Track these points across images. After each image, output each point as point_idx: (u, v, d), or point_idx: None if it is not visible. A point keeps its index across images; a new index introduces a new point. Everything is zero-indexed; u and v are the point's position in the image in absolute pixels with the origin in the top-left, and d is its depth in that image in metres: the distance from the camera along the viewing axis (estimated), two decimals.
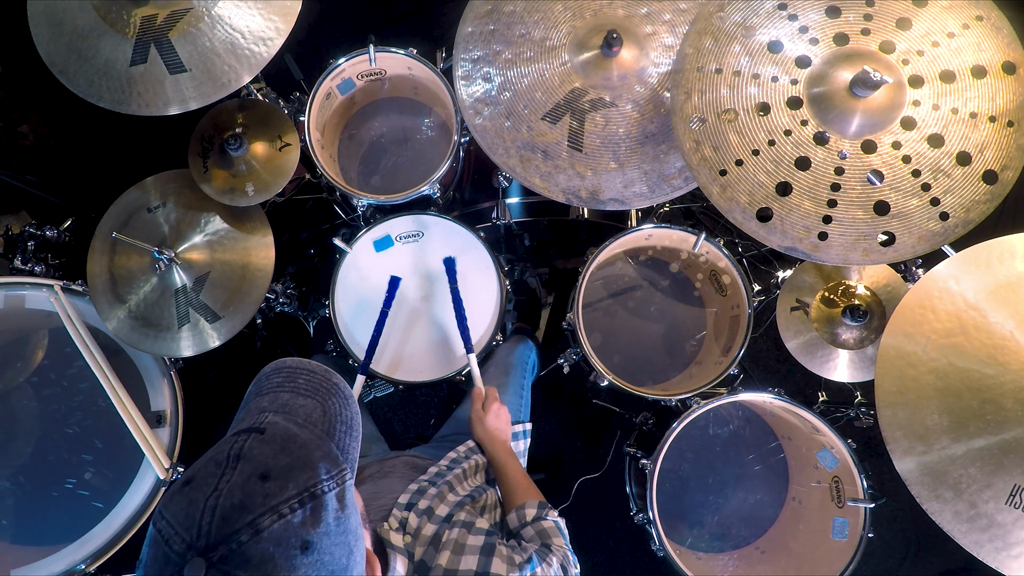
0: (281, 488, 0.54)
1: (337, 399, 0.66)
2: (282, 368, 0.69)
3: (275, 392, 0.65)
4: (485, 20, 1.33)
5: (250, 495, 0.53)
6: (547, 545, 0.91)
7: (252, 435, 0.58)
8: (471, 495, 0.98)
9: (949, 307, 1.17)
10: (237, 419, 0.65)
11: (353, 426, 0.66)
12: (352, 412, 0.67)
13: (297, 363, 0.69)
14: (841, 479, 1.45)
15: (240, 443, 0.57)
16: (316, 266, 2.10)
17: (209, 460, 0.57)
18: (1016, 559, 1.06)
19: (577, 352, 1.54)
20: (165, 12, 1.26)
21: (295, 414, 0.63)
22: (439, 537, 0.82)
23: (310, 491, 0.55)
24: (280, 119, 1.46)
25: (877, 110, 1.07)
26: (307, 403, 0.64)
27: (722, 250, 1.50)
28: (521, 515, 0.98)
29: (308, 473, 0.56)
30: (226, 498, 0.53)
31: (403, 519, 0.85)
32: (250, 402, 0.66)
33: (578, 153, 1.28)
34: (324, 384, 0.67)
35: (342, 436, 0.64)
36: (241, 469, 0.55)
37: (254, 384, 0.69)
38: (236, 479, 0.54)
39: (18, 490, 1.46)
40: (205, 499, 0.53)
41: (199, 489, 0.54)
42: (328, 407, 0.65)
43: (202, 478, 0.55)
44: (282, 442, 0.58)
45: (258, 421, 0.60)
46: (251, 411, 0.64)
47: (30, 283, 1.47)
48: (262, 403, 0.64)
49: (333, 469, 0.59)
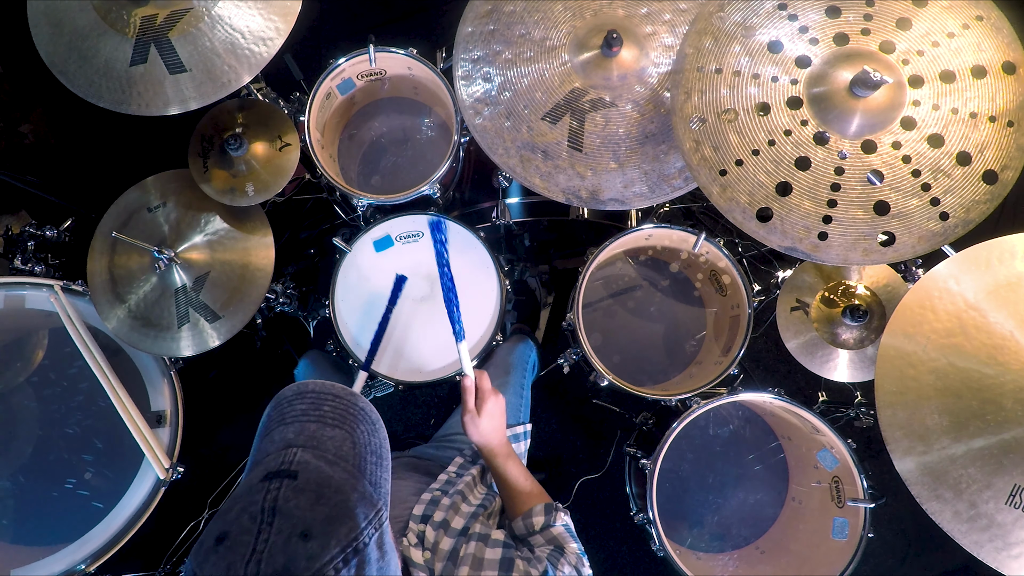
0: (323, 547, 0.52)
1: (365, 426, 0.64)
2: (305, 393, 0.66)
3: (301, 422, 0.63)
4: (485, 20, 1.33)
5: (293, 559, 0.51)
6: (560, 549, 0.91)
7: (284, 481, 0.55)
8: (483, 504, 0.98)
9: (949, 307, 1.17)
10: (260, 450, 0.63)
11: (383, 455, 0.65)
12: (380, 438, 0.65)
13: (321, 387, 0.67)
14: (841, 479, 1.45)
15: (273, 492, 0.55)
16: (316, 266, 2.10)
17: (241, 511, 0.54)
18: (1016, 559, 1.06)
19: (577, 352, 1.54)
20: (165, 12, 1.26)
21: (324, 448, 0.60)
22: (457, 552, 0.82)
23: (353, 545, 0.54)
24: (280, 119, 1.46)
25: (877, 110, 1.07)
26: (336, 434, 0.62)
27: (722, 250, 1.50)
28: (528, 524, 0.96)
29: (348, 524, 0.54)
30: (267, 563, 0.50)
31: (420, 532, 0.85)
32: (272, 431, 0.63)
33: (578, 153, 1.28)
34: (351, 410, 0.65)
35: (373, 469, 0.62)
36: (279, 527, 0.52)
37: (274, 408, 0.66)
38: (275, 539, 0.52)
39: (18, 490, 1.46)
40: (244, 563, 0.50)
41: (235, 550, 0.51)
42: (357, 437, 0.63)
43: (237, 535, 0.52)
44: (317, 487, 0.56)
45: (287, 460, 0.58)
46: (276, 444, 0.61)
47: (30, 283, 1.47)
48: (287, 434, 0.62)
49: (370, 512, 0.57)
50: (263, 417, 0.67)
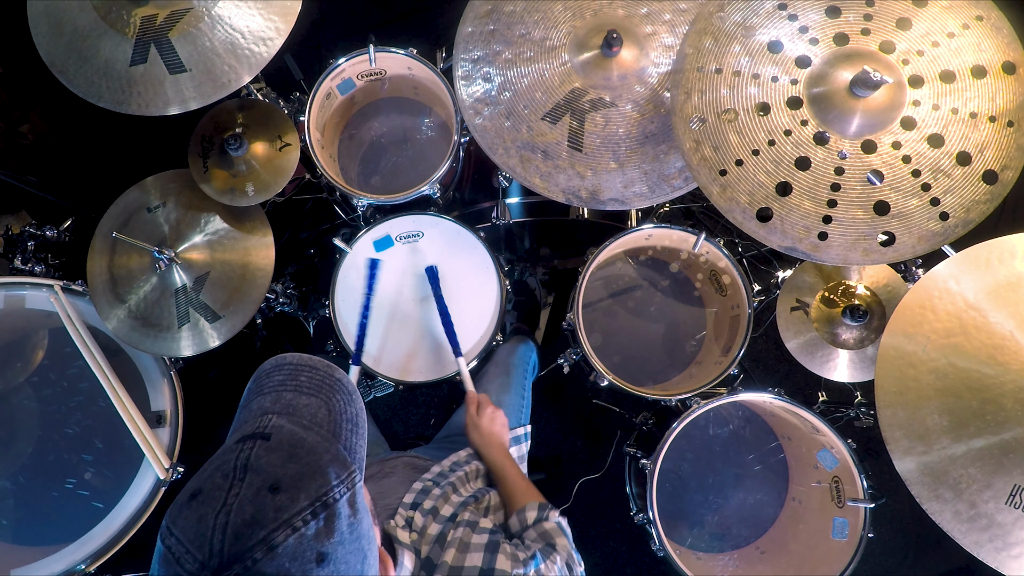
0: (292, 500, 0.53)
1: (341, 395, 0.65)
2: (283, 365, 0.67)
3: (277, 391, 0.64)
4: (485, 20, 1.33)
5: (261, 509, 0.52)
6: (551, 545, 0.91)
7: (258, 442, 0.57)
8: (474, 496, 0.98)
9: (949, 307, 1.17)
10: (238, 419, 0.64)
11: (359, 423, 0.65)
12: (357, 408, 0.66)
13: (298, 359, 0.67)
14: (841, 479, 1.45)
15: (246, 451, 0.56)
16: (316, 266, 2.10)
17: (215, 470, 0.55)
18: (1016, 559, 1.06)
19: (577, 352, 1.53)
20: (165, 12, 1.26)
21: (299, 415, 0.61)
22: (444, 536, 0.82)
23: (322, 500, 0.54)
24: (280, 119, 1.46)
25: (877, 110, 1.07)
26: (311, 402, 0.63)
27: (722, 250, 1.50)
28: (522, 518, 0.97)
29: (319, 481, 0.55)
30: (237, 514, 0.51)
31: (409, 517, 0.85)
32: (251, 402, 0.65)
33: (578, 153, 1.28)
34: (327, 381, 0.66)
35: (348, 435, 0.63)
36: (250, 481, 0.53)
37: (254, 381, 0.67)
38: (245, 492, 0.53)
39: (18, 490, 1.46)
40: (215, 515, 0.51)
41: (207, 503, 0.53)
42: (333, 405, 0.64)
43: (209, 490, 0.53)
44: (289, 448, 0.57)
45: (262, 425, 0.59)
46: (253, 412, 0.62)
47: (30, 283, 1.47)
48: (264, 403, 0.63)
49: (343, 473, 0.57)
50: (244, 391, 0.67)
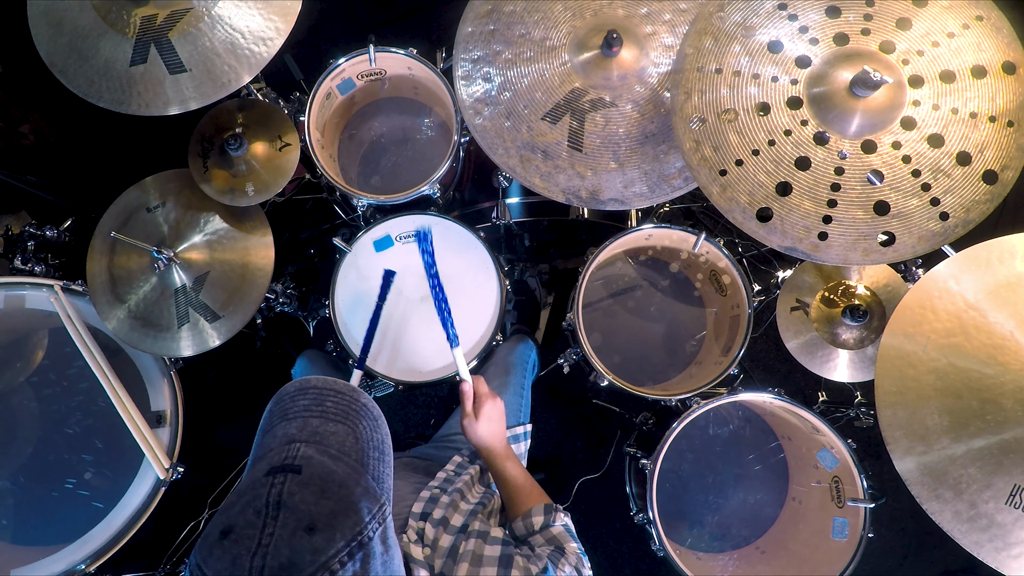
0: (329, 541, 0.52)
1: (367, 422, 0.65)
2: (307, 389, 0.66)
3: (303, 417, 0.63)
4: (485, 20, 1.33)
5: (298, 552, 0.51)
6: (560, 549, 0.91)
7: (289, 475, 0.56)
8: (481, 502, 0.98)
9: (949, 307, 1.17)
10: (262, 446, 0.63)
11: (385, 450, 0.65)
12: (383, 434, 0.66)
13: (323, 383, 0.67)
14: (841, 479, 1.45)
15: (278, 486, 0.55)
16: (316, 266, 2.10)
17: (246, 505, 0.54)
18: (1016, 559, 1.06)
19: (577, 352, 1.53)
20: (165, 12, 1.26)
21: (327, 443, 0.60)
22: (456, 549, 0.82)
23: (357, 539, 0.54)
24: (280, 119, 1.46)
25: (877, 110, 1.07)
26: (338, 429, 0.62)
27: (722, 250, 1.50)
28: (528, 524, 0.96)
29: (352, 518, 0.54)
30: (273, 556, 0.50)
31: (420, 529, 0.85)
32: (275, 426, 0.63)
33: (578, 153, 1.28)
34: (353, 406, 0.65)
35: (376, 464, 0.62)
36: (284, 520, 0.52)
37: (276, 404, 0.66)
38: (280, 533, 0.52)
39: (18, 490, 1.46)
40: (250, 556, 0.50)
41: (240, 543, 0.51)
42: (360, 432, 0.63)
43: (242, 528, 0.52)
44: (321, 483, 0.56)
45: (290, 455, 0.58)
46: (279, 440, 0.61)
47: (30, 283, 1.47)
48: (290, 430, 0.62)
49: (374, 507, 0.57)
50: (265, 413, 0.67)
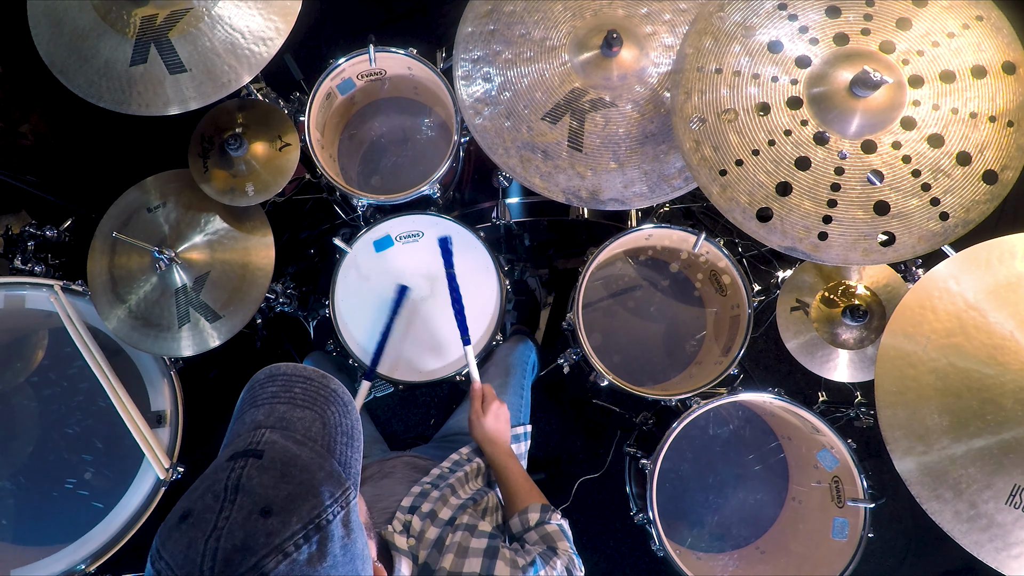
0: (284, 524, 0.52)
1: (336, 407, 0.64)
2: (277, 376, 0.66)
3: (271, 403, 0.63)
4: (485, 20, 1.33)
5: (252, 534, 0.51)
6: (552, 548, 0.91)
7: (250, 460, 0.55)
8: (473, 498, 0.98)
9: (949, 307, 1.17)
10: (232, 431, 0.63)
11: (354, 435, 0.64)
12: (352, 420, 0.65)
13: (293, 369, 0.66)
14: (841, 479, 1.45)
15: (238, 470, 0.55)
16: (316, 266, 2.10)
17: (206, 490, 0.54)
18: (1016, 559, 1.06)
19: (577, 352, 1.53)
20: (165, 12, 1.26)
21: (293, 429, 0.60)
22: (442, 540, 0.82)
23: (315, 522, 0.53)
24: (280, 119, 1.46)
25: (877, 110, 1.07)
26: (305, 415, 0.62)
27: (722, 250, 1.50)
28: (524, 520, 0.97)
29: (312, 502, 0.54)
30: (227, 539, 0.50)
31: (406, 522, 0.85)
32: (244, 413, 0.63)
33: (578, 153, 1.28)
34: (322, 392, 0.65)
35: (343, 449, 0.62)
36: (240, 503, 0.52)
37: (247, 391, 0.66)
38: (236, 516, 0.52)
39: (18, 490, 1.46)
40: (205, 539, 0.51)
41: (197, 527, 0.52)
42: (327, 418, 0.63)
43: (199, 512, 0.52)
44: (282, 467, 0.56)
45: (254, 440, 0.58)
46: (246, 425, 0.61)
47: (30, 283, 1.47)
48: (257, 416, 0.61)
49: (337, 491, 0.57)
50: (238, 401, 0.67)
